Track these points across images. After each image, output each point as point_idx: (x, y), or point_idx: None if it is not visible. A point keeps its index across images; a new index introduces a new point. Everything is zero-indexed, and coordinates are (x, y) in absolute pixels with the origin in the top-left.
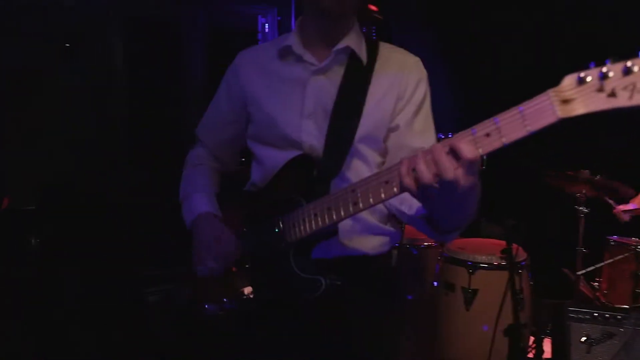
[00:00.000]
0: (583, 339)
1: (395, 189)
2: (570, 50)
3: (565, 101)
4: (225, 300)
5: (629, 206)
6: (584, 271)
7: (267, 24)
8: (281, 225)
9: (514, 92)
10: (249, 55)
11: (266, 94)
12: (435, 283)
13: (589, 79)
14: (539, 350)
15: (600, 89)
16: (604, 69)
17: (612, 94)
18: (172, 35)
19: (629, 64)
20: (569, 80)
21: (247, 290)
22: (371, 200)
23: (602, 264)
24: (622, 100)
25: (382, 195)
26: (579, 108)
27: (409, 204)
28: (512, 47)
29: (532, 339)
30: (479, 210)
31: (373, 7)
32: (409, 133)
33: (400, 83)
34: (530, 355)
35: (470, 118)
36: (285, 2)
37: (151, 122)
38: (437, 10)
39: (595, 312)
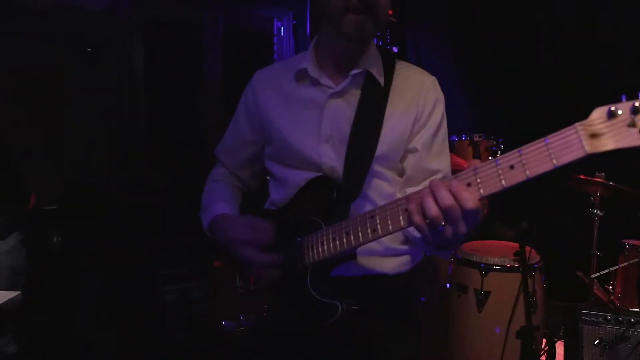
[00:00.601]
0: (596, 342)
1: None
2: (592, 54)
3: (594, 135)
4: (242, 317)
5: None
6: (597, 274)
7: (282, 28)
8: (299, 247)
9: (530, 94)
10: (266, 76)
11: (283, 117)
12: (447, 285)
13: (620, 112)
14: (552, 353)
15: (632, 124)
16: (637, 103)
17: None
18: (190, 38)
19: None
20: (598, 114)
21: (264, 308)
22: (390, 227)
23: (616, 267)
24: None
25: (402, 223)
26: (609, 143)
27: None
28: (530, 49)
29: (544, 341)
30: (494, 212)
31: None
32: (427, 155)
33: (418, 105)
34: (543, 358)
35: (486, 119)
36: (301, 6)
37: (170, 123)
38: (452, 13)
39: (609, 315)
